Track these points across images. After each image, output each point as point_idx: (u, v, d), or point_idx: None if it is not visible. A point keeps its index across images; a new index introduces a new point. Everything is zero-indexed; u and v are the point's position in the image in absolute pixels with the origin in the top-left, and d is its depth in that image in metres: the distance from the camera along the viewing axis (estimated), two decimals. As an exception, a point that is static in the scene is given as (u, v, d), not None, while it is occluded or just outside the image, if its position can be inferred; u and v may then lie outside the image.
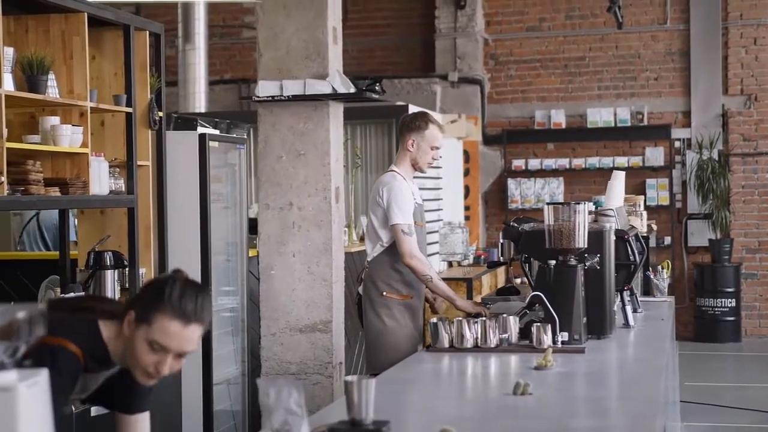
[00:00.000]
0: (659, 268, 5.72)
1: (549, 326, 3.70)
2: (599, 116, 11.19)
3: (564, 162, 11.22)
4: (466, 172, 10.88)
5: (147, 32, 5.36)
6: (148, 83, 5.32)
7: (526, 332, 3.77)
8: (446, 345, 3.74)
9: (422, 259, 4.63)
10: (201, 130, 5.87)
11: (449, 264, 9.06)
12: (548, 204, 3.94)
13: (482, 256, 9.28)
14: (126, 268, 5.09)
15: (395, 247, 4.67)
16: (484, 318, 3.82)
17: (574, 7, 11.42)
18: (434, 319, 3.81)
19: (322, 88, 4.76)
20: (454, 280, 7.90)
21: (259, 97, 4.83)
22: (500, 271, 9.06)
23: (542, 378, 3.22)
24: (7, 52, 4.33)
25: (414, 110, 5.92)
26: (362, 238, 7.20)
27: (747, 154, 11.03)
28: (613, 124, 11.16)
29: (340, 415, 2.48)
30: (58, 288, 5.01)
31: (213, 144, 5.74)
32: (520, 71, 11.52)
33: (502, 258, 4.90)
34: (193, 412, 5.56)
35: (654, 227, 8.49)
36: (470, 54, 11.39)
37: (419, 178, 7.60)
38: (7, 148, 4.23)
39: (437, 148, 4.76)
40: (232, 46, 12.09)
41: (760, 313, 11.03)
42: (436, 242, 8.88)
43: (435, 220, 9.07)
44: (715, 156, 10.86)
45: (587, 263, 3.94)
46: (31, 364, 1.67)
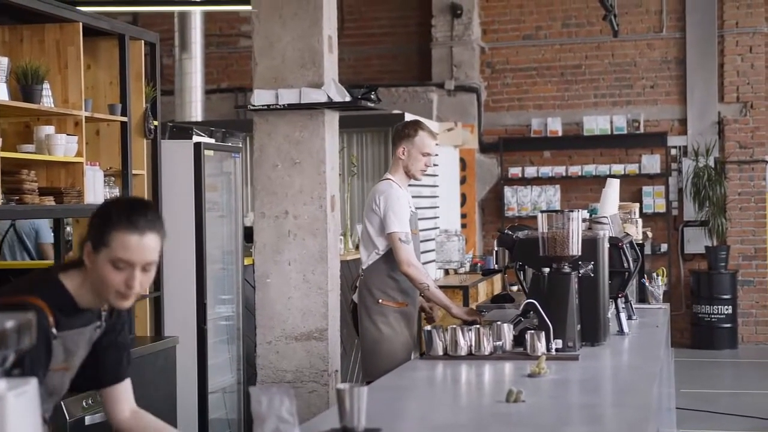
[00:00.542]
0: (654, 275, 5.73)
1: (543, 333, 3.70)
2: (595, 124, 11.21)
3: (560, 170, 11.23)
4: (463, 180, 10.89)
5: (142, 42, 5.37)
6: (144, 92, 5.33)
7: (520, 340, 3.77)
8: (440, 352, 3.74)
9: (419, 267, 4.65)
10: (196, 139, 5.87)
11: (446, 272, 9.07)
12: (542, 212, 3.95)
13: (479, 264, 9.29)
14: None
15: (391, 255, 4.68)
16: (479, 326, 3.82)
17: (571, 15, 11.45)
18: (428, 327, 3.81)
19: (318, 96, 4.77)
20: (451, 287, 7.91)
21: (254, 105, 4.84)
22: (497, 279, 9.06)
23: (536, 385, 3.23)
24: (2, 62, 4.34)
25: (409, 119, 5.94)
26: (358, 246, 7.21)
27: (743, 161, 11.05)
28: (609, 132, 11.18)
29: (332, 423, 2.48)
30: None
31: (208, 153, 5.75)
32: (517, 79, 11.55)
33: (497, 266, 4.91)
34: (188, 420, 5.56)
35: (649, 234, 8.49)
36: (467, 62, 11.41)
37: (416, 186, 7.64)
38: (2, 158, 4.23)
39: (429, 154, 4.78)
40: (228, 55, 12.11)
41: (756, 320, 11.04)
42: (432, 250, 8.90)
43: (431, 228, 9.09)
44: (711, 163, 10.88)
45: (581, 271, 3.95)
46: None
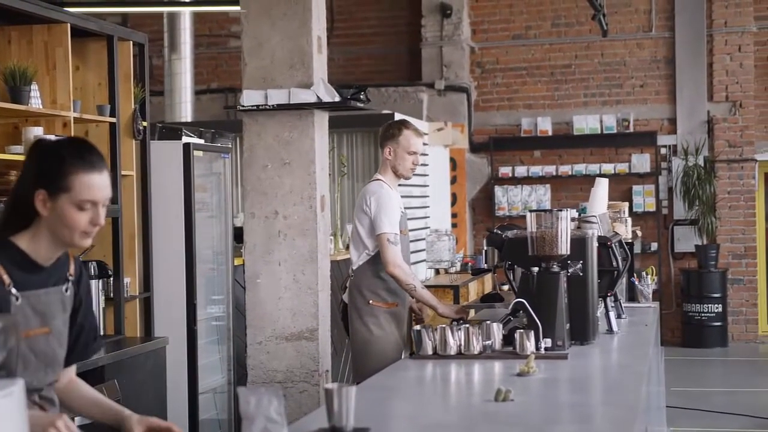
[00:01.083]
0: (644, 274, 5.75)
1: (532, 333, 3.71)
2: (585, 123, 11.23)
3: (551, 169, 11.25)
4: (453, 180, 10.90)
5: (131, 42, 5.36)
6: (132, 93, 5.32)
7: (509, 339, 3.78)
8: (430, 352, 3.75)
9: (405, 268, 4.65)
10: (186, 139, 5.87)
11: (436, 271, 9.07)
12: (531, 211, 3.95)
13: (469, 263, 9.30)
14: (110, 278, 5.09)
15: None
16: (467, 324, 3.83)
17: (560, 15, 11.47)
18: (417, 327, 3.82)
19: (307, 97, 4.77)
20: (441, 287, 7.92)
21: (244, 106, 4.83)
22: (487, 278, 9.07)
23: (524, 384, 3.23)
24: (-10, 63, 4.34)
25: (398, 119, 5.94)
26: (348, 247, 7.21)
27: (732, 160, 11.09)
28: (599, 131, 11.20)
29: (321, 422, 2.49)
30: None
31: (198, 153, 5.74)
32: (507, 79, 11.56)
33: (486, 265, 4.92)
34: (178, 421, 5.55)
35: (639, 233, 8.52)
36: (456, 62, 11.42)
37: (406, 185, 7.64)
38: (-9, 159, 4.23)
39: (415, 153, 4.79)
40: (218, 56, 12.10)
41: (746, 318, 11.08)
42: (422, 250, 8.90)
43: (422, 227, 9.09)
44: (701, 162, 10.91)
45: (570, 270, 3.96)
46: None
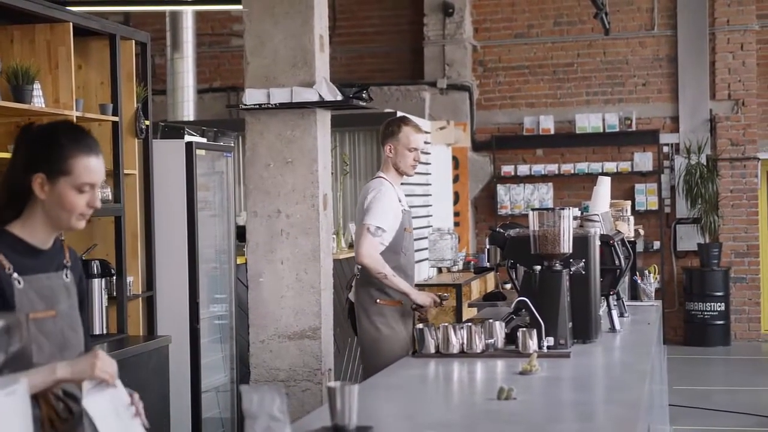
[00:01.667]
0: (646, 272, 5.74)
1: (534, 331, 3.71)
2: (588, 122, 11.22)
3: (553, 168, 11.25)
4: (456, 179, 10.90)
5: (133, 41, 5.37)
6: (135, 92, 5.32)
7: (512, 337, 3.78)
8: (432, 351, 3.75)
9: (377, 258, 4.67)
10: (188, 138, 5.87)
11: (438, 270, 9.07)
12: (533, 210, 3.95)
13: (472, 262, 9.30)
14: (113, 277, 5.09)
15: (386, 254, 4.70)
16: (470, 323, 3.83)
17: (562, 13, 11.47)
18: (420, 325, 3.82)
19: (309, 95, 4.77)
20: (444, 285, 7.92)
21: (246, 105, 4.84)
22: (490, 277, 9.07)
23: (527, 383, 3.23)
24: (-7, 62, 4.34)
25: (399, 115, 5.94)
26: (351, 245, 7.22)
27: (735, 158, 11.08)
28: (601, 130, 11.20)
29: (324, 421, 2.49)
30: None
31: (200, 152, 5.75)
32: (509, 78, 11.56)
33: (489, 264, 4.92)
34: (181, 419, 5.56)
35: (641, 232, 8.51)
36: (459, 61, 11.42)
37: (409, 184, 7.64)
38: (-7, 158, 4.24)
39: (415, 149, 4.80)
40: (220, 55, 12.10)
41: (749, 316, 11.07)
42: (425, 248, 8.90)
43: (424, 226, 9.09)
44: (704, 161, 10.90)
45: (572, 268, 3.96)
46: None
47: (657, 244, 11.02)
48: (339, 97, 4.77)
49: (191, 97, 10.18)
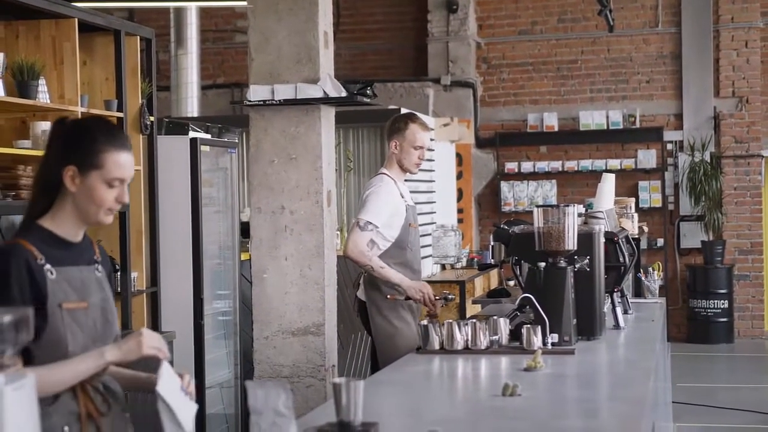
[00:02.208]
0: (650, 269, 5.74)
1: (539, 328, 3.71)
2: (591, 119, 11.21)
3: (557, 165, 11.24)
4: (459, 175, 10.90)
5: (138, 37, 5.37)
6: (140, 88, 5.33)
7: (516, 334, 3.78)
8: (437, 347, 3.75)
9: (364, 251, 4.65)
10: (192, 134, 5.88)
11: (442, 267, 9.07)
12: (538, 206, 3.95)
13: (475, 259, 9.30)
14: (118, 273, 5.10)
15: (392, 250, 4.71)
16: (475, 320, 3.83)
17: (566, 10, 11.46)
18: (425, 321, 3.82)
19: (313, 92, 4.76)
20: (447, 282, 7.92)
21: (250, 101, 4.84)
22: (493, 274, 9.07)
23: (532, 379, 3.24)
24: (-2, 58, 4.34)
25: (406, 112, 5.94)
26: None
27: (739, 156, 11.07)
28: (605, 127, 11.19)
29: (329, 417, 2.49)
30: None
31: (204, 148, 5.75)
32: (513, 74, 11.55)
33: (493, 260, 4.92)
34: (185, 416, 5.56)
35: (645, 229, 8.51)
36: (462, 57, 11.42)
37: (412, 180, 7.64)
38: (-2, 154, 4.24)
39: (421, 147, 4.79)
40: (224, 51, 12.10)
41: (752, 314, 11.06)
42: (429, 245, 8.90)
43: (428, 223, 9.09)
44: (707, 158, 10.89)
45: (577, 265, 3.96)
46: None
47: (661, 242, 11.01)
48: (343, 94, 4.77)
49: (195, 94, 10.17)
